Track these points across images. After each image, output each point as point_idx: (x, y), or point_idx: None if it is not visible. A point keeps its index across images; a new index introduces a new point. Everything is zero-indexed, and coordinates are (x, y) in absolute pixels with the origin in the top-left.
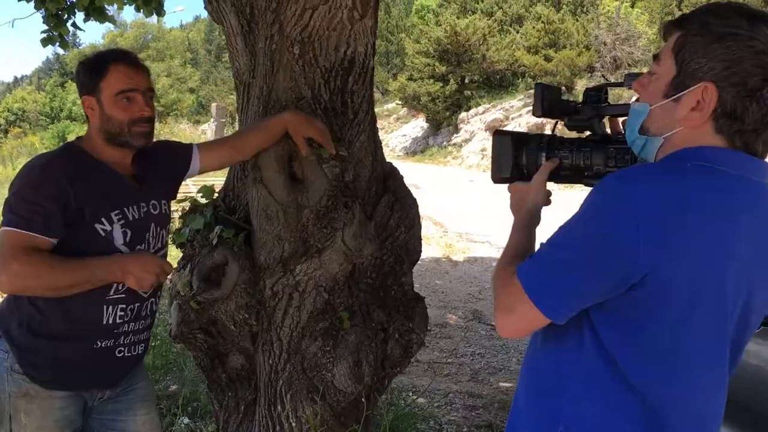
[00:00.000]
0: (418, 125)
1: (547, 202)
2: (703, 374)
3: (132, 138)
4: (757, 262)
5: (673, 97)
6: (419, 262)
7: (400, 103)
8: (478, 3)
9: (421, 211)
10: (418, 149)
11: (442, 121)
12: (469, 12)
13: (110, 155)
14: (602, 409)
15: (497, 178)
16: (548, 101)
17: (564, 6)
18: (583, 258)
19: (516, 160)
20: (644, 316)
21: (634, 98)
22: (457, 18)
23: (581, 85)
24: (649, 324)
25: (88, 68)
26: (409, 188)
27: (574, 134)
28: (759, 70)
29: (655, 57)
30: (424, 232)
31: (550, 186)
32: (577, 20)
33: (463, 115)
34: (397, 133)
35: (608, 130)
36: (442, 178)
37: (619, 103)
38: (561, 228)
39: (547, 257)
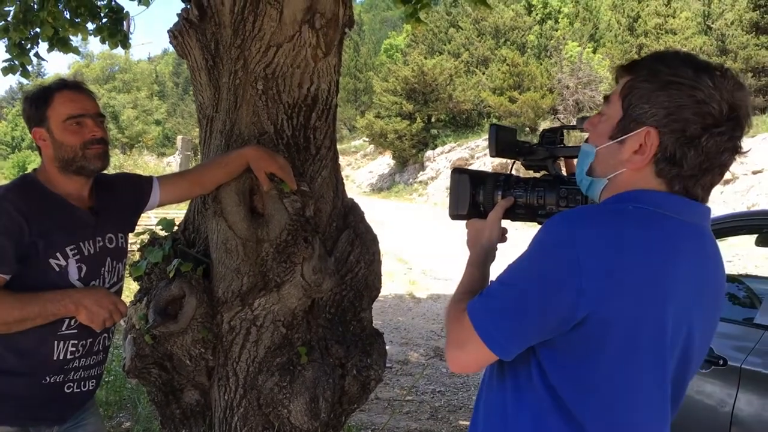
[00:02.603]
0: (384, 162)
1: (503, 240)
2: (644, 412)
3: (87, 161)
4: (695, 303)
5: (618, 140)
6: (382, 298)
7: (367, 140)
8: (445, 44)
9: (386, 247)
10: (384, 186)
11: (409, 158)
12: (437, 53)
13: (66, 187)
14: None
15: (454, 215)
16: (502, 142)
17: (528, 50)
18: (528, 297)
19: (473, 198)
20: (586, 354)
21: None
22: (425, 58)
23: (544, 127)
24: (591, 362)
25: (33, 101)
26: (374, 224)
27: (532, 174)
28: (698, 118)
29: (606, 98)
30: (387, 269)
31: (507, 224)
32: (541, 64)
33: (429, 153)
34: (364, 169)
35: (564, 171)
36: (408, 214)
37: (574, 145)
38: (509, 266)
39: (496, 295)
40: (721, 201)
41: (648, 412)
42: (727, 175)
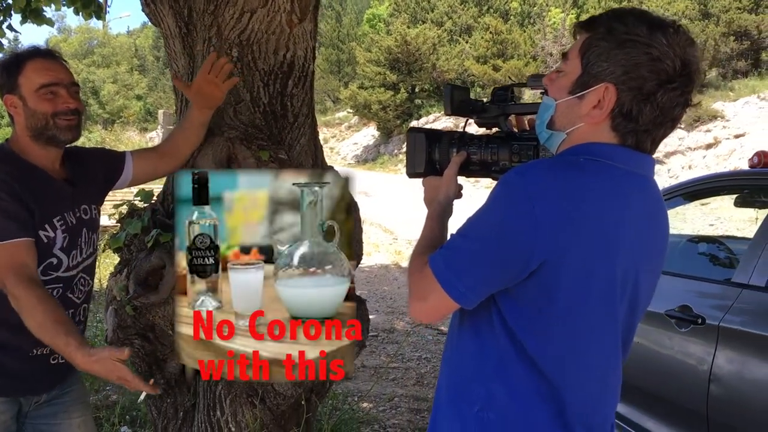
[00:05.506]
0: (369, 134)
1: (459, 195)
2: (598, 356)
3: (58, 131)
4: (641, 250)
5: (578, 95)
6: (368, 268)
7: (351, 111)
8: (428, 13)
9: (371, 218)
10: (369, 157)
11: (393, 129)
12: (420, 22)
13: (39, 157)
14: (513, 389)
15: (411, 173)
16: (457, 101)
17: (512, 17)
18: (487, 247)
19: (429, 156)
20: (542, 301)
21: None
22: (408, 27)
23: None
24: (546, 309)
25: (4, 68)
26: (359, 196)
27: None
28: (654, 75)
29: (564, 55)
30: (373, 239)
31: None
32: (525, 31)
33: (413, 123)
34: (349, 141)
35: (515, 128)
36: (393, 185)
37: (524, 102)
38: (469, 219)
39: (456, 247)
40: (704, 165)
41: (601, 356)
42: (710, 139)
